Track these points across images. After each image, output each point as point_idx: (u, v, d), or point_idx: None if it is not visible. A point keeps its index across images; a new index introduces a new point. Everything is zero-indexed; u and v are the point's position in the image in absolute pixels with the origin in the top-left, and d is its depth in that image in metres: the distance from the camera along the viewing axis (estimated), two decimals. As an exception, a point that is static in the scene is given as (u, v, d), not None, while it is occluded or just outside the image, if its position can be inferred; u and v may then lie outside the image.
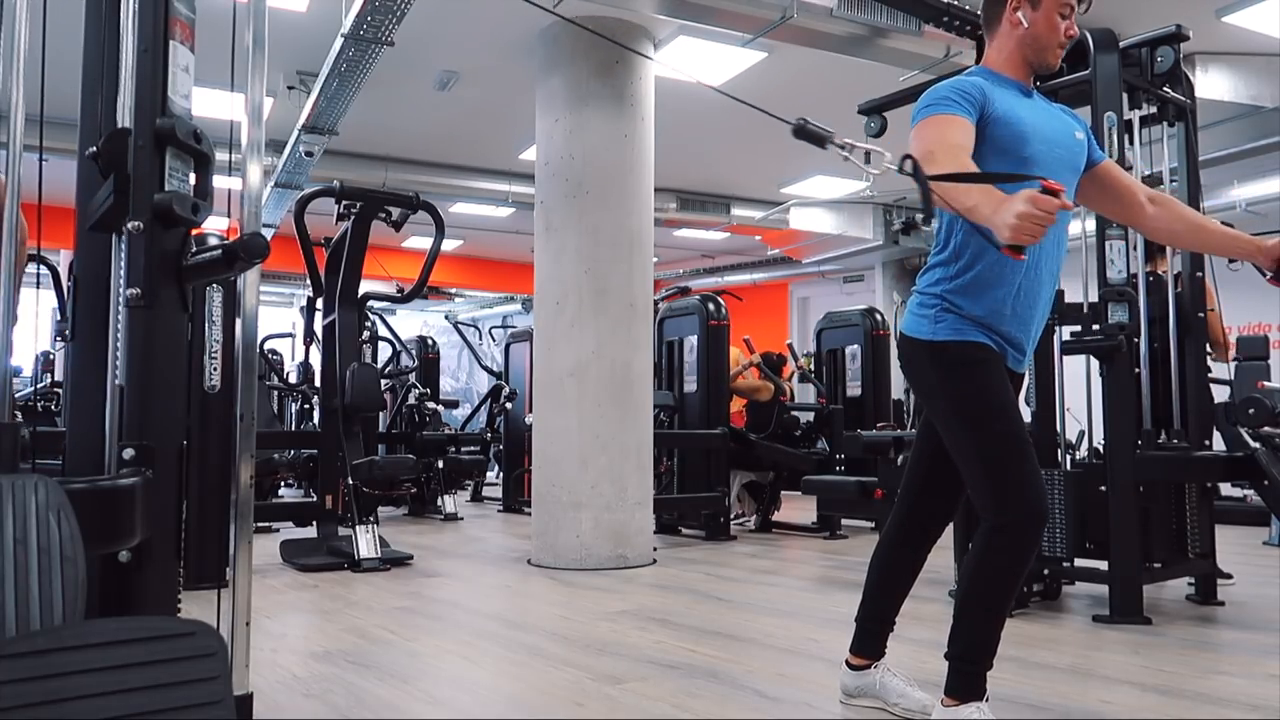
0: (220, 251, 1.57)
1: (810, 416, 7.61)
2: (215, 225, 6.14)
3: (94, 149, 1.59)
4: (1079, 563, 3.69)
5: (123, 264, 1.58)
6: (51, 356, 8.72)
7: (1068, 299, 3.82)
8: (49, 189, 2.01)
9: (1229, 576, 4.31)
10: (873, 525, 6.79)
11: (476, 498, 9.78)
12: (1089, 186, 2.28)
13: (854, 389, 7.36)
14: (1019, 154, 2.08)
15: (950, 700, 2.07)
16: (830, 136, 1.81)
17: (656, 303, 6.79)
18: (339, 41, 5.16)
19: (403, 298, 6.08)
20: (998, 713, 2.10)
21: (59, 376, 7.96)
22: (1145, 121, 3.90)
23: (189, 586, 1.84)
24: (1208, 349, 4.03)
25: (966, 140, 1.97)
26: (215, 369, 4.38)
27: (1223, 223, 2.41)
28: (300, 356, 9.33)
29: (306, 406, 9.27)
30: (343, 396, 5.30)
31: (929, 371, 2.15)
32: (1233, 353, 5.03)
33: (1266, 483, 3.58)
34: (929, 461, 2.29)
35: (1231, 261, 2.52)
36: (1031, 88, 2.22)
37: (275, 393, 9.58)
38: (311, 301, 6.38)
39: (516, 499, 8.33)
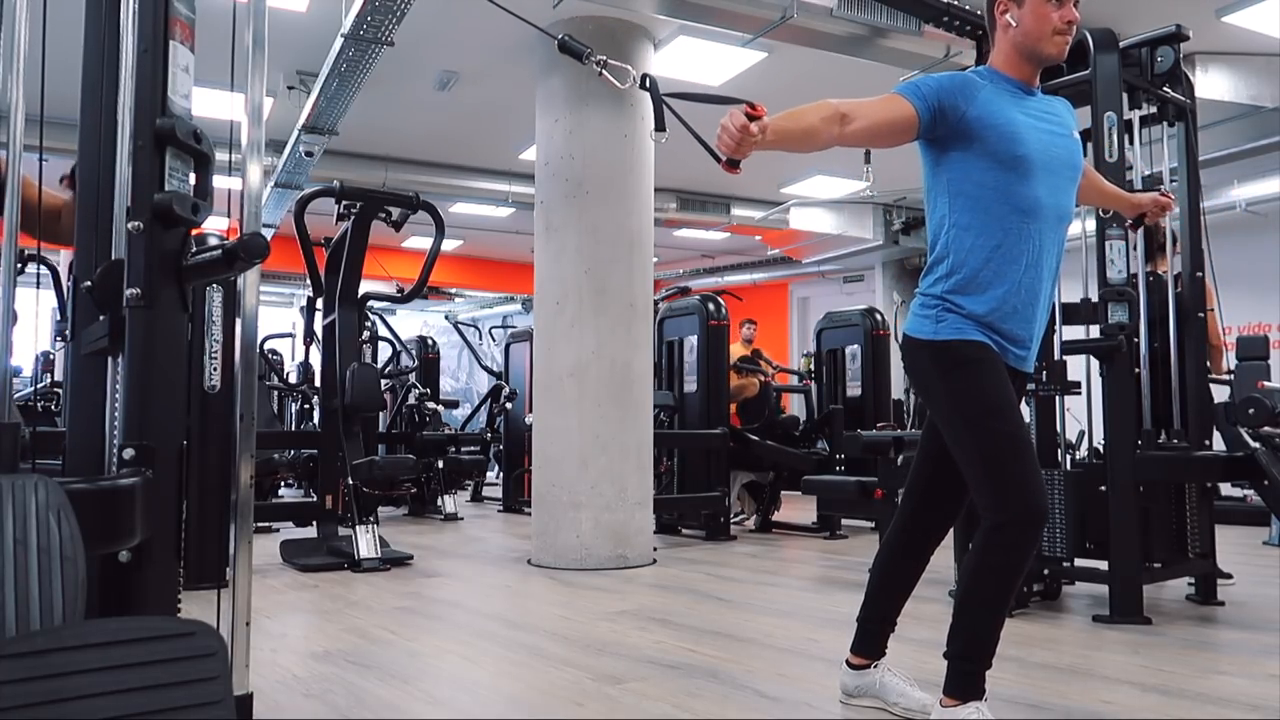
0: (220, 251, 1.57)
1: (803, 403, 7.65)
2: (215, 225, 6.14)
3: (89, 283, 1.59)
4: (1079, 563, 3.69)
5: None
6: (51, 356, 8.71)
7: (1067, 299, 3.82)
8: (49, 189, 2.00)
9: (1229, 576, 4.31)
10: (873, 525, 6.79)
11: (476, 498, 9.77)
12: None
13: (854, 389, 7.36)
14: (1011, 153, 2.08)
15: (949, 700, 2.07)
16: (588, 52, 2.04)
17: (656, 303, 6.79)
18: (339, 41, 5.16)
19: (403, 298, 6.08)
20: (998, 713, 2.10)
21: (59, 376, 7.95)
22: (1145, 121, 3.90)
23: (189, 586, 1.84)
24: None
25: (877, 115, 2.07)
26: (215, 369, 4.38)
27: None
28: (300, 356, 9.33)
29: (306, 406, 9.26)
30: (343, 396, 5.30)
31: (930, 372, 2.16)
32: (1228, 360, 5.01)
33: (1266, 483, 3.58)
34: (933, 464, 2.28)
35: (1105, 212, 3.34)
36: (1034, 86, 2.21)
37: (275, 393, 9.58)
38: (311, 301, 6.38)
39: (516, 499, 8.33)
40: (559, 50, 2.11)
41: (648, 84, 1.91)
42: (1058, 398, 3.86)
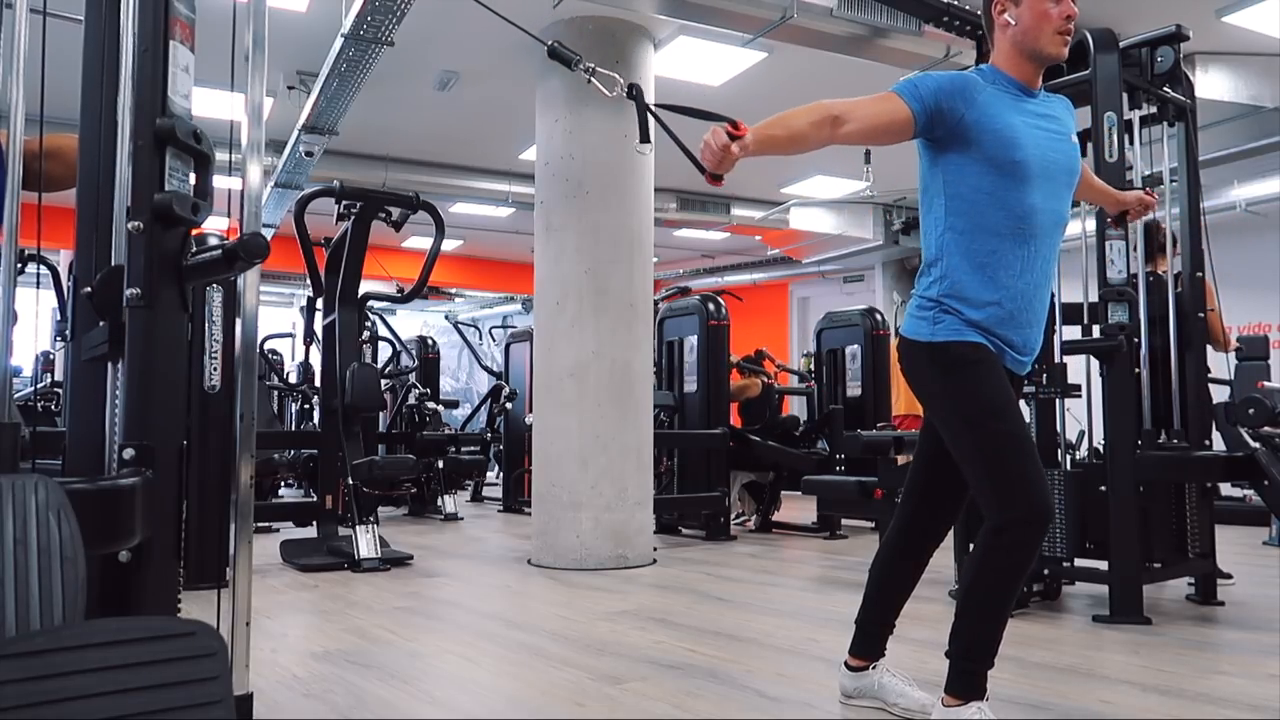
0: (220, 251, 1.56)
1: (803, 402, 7.65)
2: (215, 225, 6.14)
3: (89, 289, 1.59)
4: (1079, 563, 3.69)
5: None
6: (51, 356, 8.72)
7: (1067, 299, 3.82)
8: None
9: (1229, 576, 4.31)
10: (873, 525, 6.79)
11: (476, 498, 9.78)
12: None
13: (854, 389, 7.36)
14: (1008, 158, 2.06)
15: (951, 700, 2.07)
16: (576, 59, 2.05)
17: (656, 303, 6.79)
18: (339, 41, 5.16)
19: (403, 298, 6.08)
20: (998, 713, 2.10)
21: (59, 376, 7.95)
22: (1145, 121, 3.90)
23: (189, 586, 1.84)
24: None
25: (871, 116, 2.06)
26: (215, 369, 4.38)
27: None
28: (300, 356, 9.33)
29: (306, 406, 9.27)
30: (343, 396, 5.30)
31: (929, 373, 2.15)
32: (1233, 344, 5.04)
33: (1266, 483, 3.58)
34: (931, 465, 2.28)
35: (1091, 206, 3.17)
36: (1036, 88, 2.19)
37: (275, 393, 9.58)
38: (311, 301, 6.38)
39: (516, 499, 8.33)
40: (549, 56, 2.11)
41: (633, 93, 1.90)
42: (1058, 398, 3.86)
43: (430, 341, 9.45)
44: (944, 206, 2.14)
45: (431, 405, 8.23)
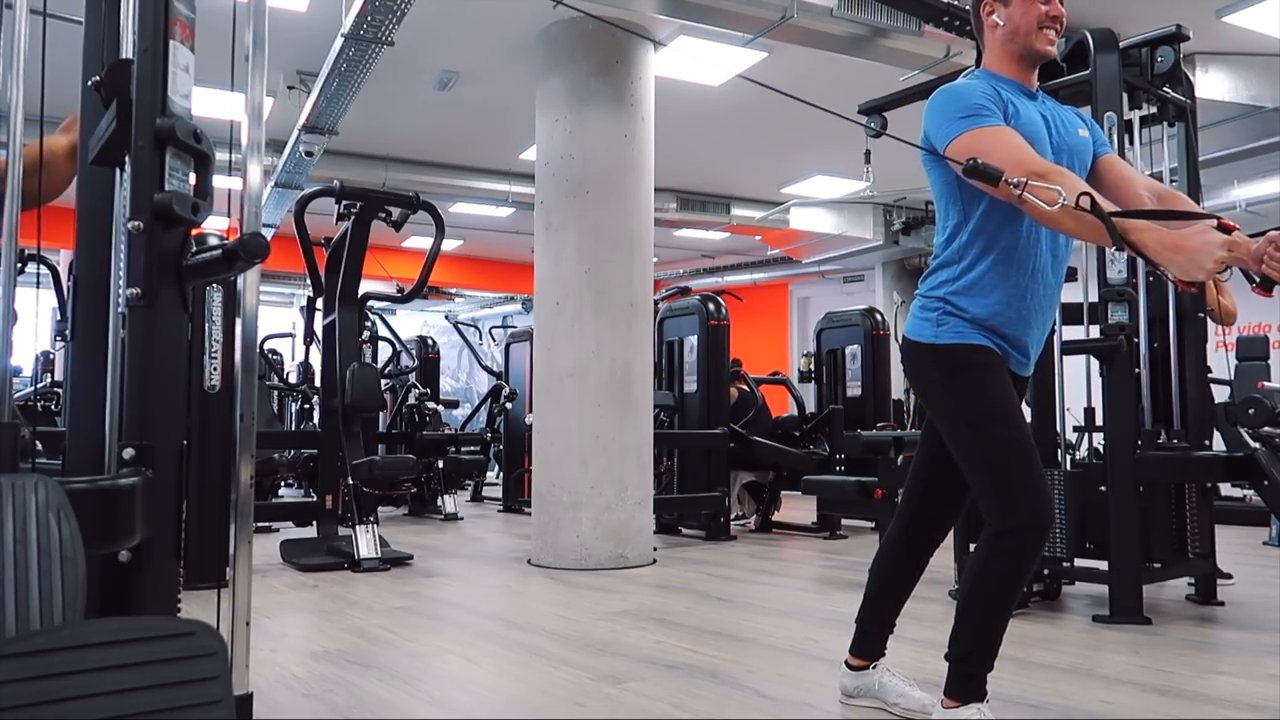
0: (220, 251, 1.56)
1: (797, 399, 7.67)
2: (215, 225, 6.14)
3: (96, 78, 1.58)
4: (1079, 563, 3.69)
5: (123, 264, 1.58)
6: (51, 356, 8.72)
7: (1067, 299, 3.82)
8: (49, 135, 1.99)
9: (1229, 576, 4.31)
10: (873, 525, 6.79)
11: (476, 498, 9.78)
12: (1091, 179, 2.26)
13: (854, 389, 7.36)
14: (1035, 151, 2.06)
15: (950, 701, 2.07)
16: (1002, 175, 1.84)
17: (656, 303, 6.79)
18: (339, 41, 5.16)
19: (403, 298, 6.08)
20: (998, 713, 2.10)
21: (59, 376, 7.96)
22: (1145, 121, 3.90)
23: (189, 586, 1.84)
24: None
25: (1028, 146, 1.95)
26: (215, 369, 4.38)
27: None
28: (300, 356, 9.34)
29: (306, 406, 9.27)
30: (343, 396, 5.30)
31: (932, 375, 2.14)
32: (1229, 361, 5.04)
33: (1266, 483, 3.58)
34: (932, 465, 2.28)
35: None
36: (1034, 88, 2.20)
37: (275, 393, 9.58)
38: (311, 301, 6.38)
39: (516, 499, 8.34)
40: (964, 175, 1.89)
41: (1085, 204, 1.73)
42: (1058, 397, 3.86)
43: (430, 341, 9.45)
44: (961, 211, 2.11)
45: (431, 405, 8.23)
